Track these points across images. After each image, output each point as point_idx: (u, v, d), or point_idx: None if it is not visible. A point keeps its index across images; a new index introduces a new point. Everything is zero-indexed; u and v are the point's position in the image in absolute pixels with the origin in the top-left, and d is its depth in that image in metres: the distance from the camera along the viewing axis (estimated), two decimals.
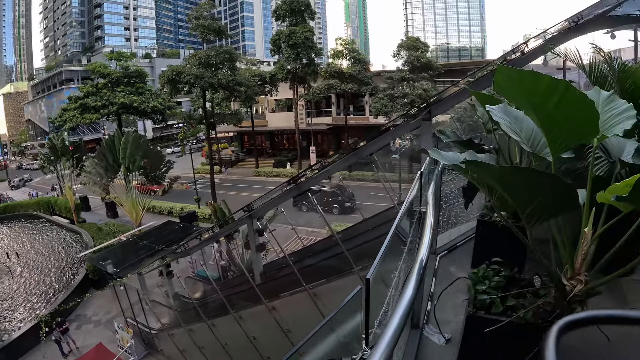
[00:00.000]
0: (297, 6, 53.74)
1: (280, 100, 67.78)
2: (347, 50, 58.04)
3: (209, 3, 53.18)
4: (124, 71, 58.32)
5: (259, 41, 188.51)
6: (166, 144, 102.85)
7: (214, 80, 47.03)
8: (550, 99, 2.57)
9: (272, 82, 58.66)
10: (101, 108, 56.05)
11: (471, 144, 5.60)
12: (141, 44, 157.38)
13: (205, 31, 48.25)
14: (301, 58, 53.23)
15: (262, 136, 71.11)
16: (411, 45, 53.66)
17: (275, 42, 54.71)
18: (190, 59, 49.92)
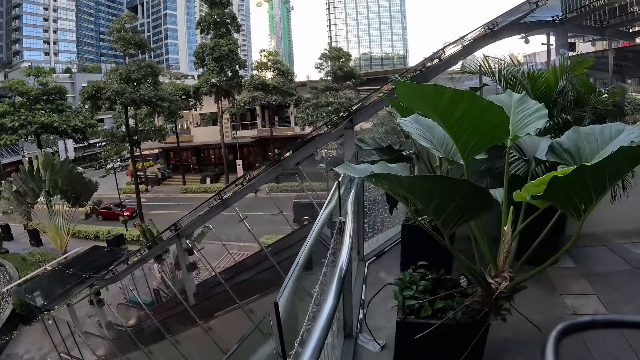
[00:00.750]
0: (222, 19, 53.49)
1: (205, 115, 66.96)
2: (271, 61, 58.16)
3: (130, 15, 52.09)
4: (42, 88, 56.04)
5: (182, 54, 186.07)
6: (89, 163, 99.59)
7: (136, 96, 45.88)
8: (456, 110, 2.62)
9: (196, 96, 57.89)
10: (19, 128, 53.65)
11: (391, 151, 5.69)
12: (61, 58, 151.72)
13: (126, 44, 47.01)
14: (225, 71, 52.98)
15: (188, 152, 69.97)
16: (334, 55, 54.35)
17: (199, 55, 54.16)
18: (111, 74, 48.48)
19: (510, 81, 5.80)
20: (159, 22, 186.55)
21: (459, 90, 2.53)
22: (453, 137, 2.86)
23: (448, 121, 2.75)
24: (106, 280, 17.26)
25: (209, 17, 53.84)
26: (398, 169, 3.42)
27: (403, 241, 5.53)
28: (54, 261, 28.96)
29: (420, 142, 3.17)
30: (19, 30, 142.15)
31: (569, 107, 5.66)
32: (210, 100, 57.79)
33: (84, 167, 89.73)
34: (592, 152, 3.02)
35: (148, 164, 76.33)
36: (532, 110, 3.32)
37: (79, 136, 61.97)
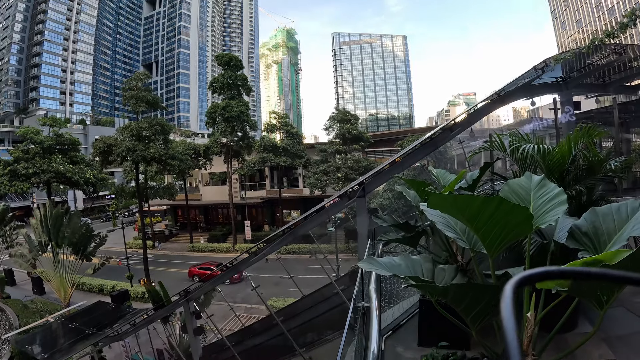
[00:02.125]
0: (233, 81, 54.39)
1: (215, 174, 67.30)
2: (280, 124, 58.99)
3: (143, 74, 52.90)
4: (57, 138, 56.60)
5: (194, 112, 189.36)
6: (97, 215, 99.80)
7: (147, 154, 46.21)
8: (485, 213, 2.72)
9: (206, 155, 58.32)
10: (32, 176, 53.86)
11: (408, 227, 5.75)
12: (76, 109, 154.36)
13: (138, 103, 47.71)
14: (236, 132, 53.46)
15: (196, 210, 70.10)
16: (342, 118, 55.01)
17: (210, 115, 54.71)
18: (122, 131, 49.02)
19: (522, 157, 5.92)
20: (172, 80, 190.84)
21: (488, 197, 2.64)
22: (480, 237, 2.95)
23: (476, 224, 2.85)
24: (110, 338, 17.06)
25: (222, 79, 54.75)
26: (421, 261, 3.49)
27: (421, 316, 5.51)
28: (57, 313, 28.57)
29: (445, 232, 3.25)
30: (37, 79, 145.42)
31: (581, 175, 5.77)
32: (220, 160, 58.20)
33: (91, 218, 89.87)
34: (609, 233, 3.09)
35: (156, 220, 76.41)
36: (552, 195, 3.40)
37: (89, 189, 62.34)
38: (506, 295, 1.20)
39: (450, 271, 3.50)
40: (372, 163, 51.35)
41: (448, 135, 11.65)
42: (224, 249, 55.06)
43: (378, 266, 3.21)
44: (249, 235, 53.60)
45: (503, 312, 1.12)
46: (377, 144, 58.63)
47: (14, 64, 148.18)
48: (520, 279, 1.36)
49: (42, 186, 56.70)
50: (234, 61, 55.84)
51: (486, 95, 64.70)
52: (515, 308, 1.10)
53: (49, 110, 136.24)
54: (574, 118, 14.54)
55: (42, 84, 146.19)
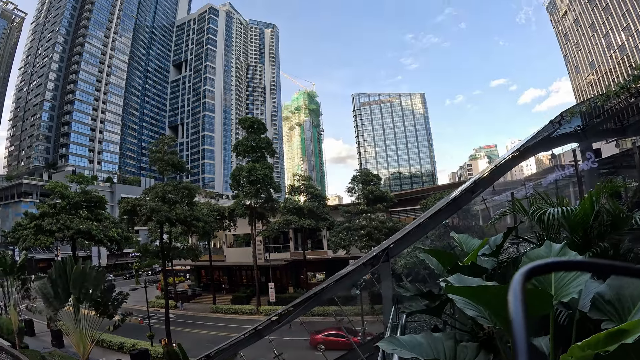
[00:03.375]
0: (257, 144, 55.14)
1: (239, 236, 67.39)
2: (304, 186, 59.35)
3: (169, 137, 53.90)
4: (83, 195, 57.33)
5: (218, 174, 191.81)
6: (120, 272, 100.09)
7: (172, 215, 46.57)
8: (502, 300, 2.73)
9: (230, 217, 58.66)
10: (56, 232, 54.38)
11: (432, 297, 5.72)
12: (104, 167, 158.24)
13: (164, 165, 48.53)
14: (260, 194, 53.79)
15: (220, 271, 69.90)
16: (365, 179, 55.15)
17: (235, 177, 55.17)
18: (147, 192, 49.64)
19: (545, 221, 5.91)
20: (198, 142, 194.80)
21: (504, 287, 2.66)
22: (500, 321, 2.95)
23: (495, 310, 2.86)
24: None
25: (246, 142, 55.56)
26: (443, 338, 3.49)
27: None
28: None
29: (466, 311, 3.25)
30: (67, 136, 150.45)
31: (606, 231, 5.70)
32: (244, 222, 58.39)
33: (114, 275, 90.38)
34: (634, 298, 3.04)
35: (179, 279, 76.33)
36: None
37: (114, 246, 62.67)
38: (515, 285, 1.23)
39: (473, 349, 3.48)
40: (397, 223, 51.11)
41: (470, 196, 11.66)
42: (248, 311, 54.52)
43: (399, 346, 3.21)
44: (273, 297, 53.20)
45: (511, 305, 1.13)
46: (401, 203, 58.47)
47: (46, 121, 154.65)
48: (528, 270, 1.40)
49: (67, 240, 57.31)
50: (257, 124, 56.78)
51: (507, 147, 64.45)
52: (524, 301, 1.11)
53: (77, 167, 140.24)
54: (595, 165, 14.50)
55: (71, 141, 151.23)
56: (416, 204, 54.44)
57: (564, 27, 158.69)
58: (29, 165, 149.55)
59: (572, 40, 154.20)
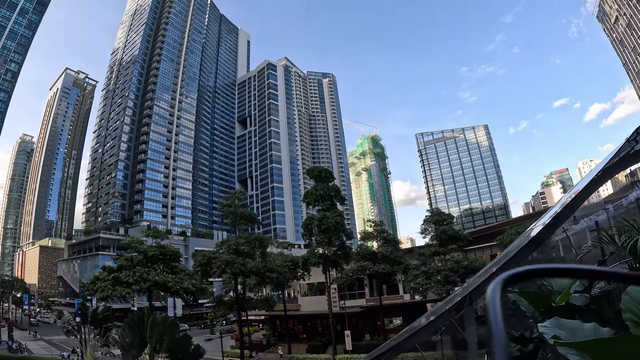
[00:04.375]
0: (326, 192, 55.35)
1: (313, 284, 67.25)
2: (376, 231, 58.93)
3: (240, 192, 55.11)
4: (159, 249, 58.82)
5: (289, 224, 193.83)
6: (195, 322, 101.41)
7: (245, 268, 47.21)
8: (618, 352, 2.52)
9: (304, 266, 58.83)
10: (133, 284, 55.88)
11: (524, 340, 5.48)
12: (177, 221, 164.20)
13: (236, 219, 49.51)
14: (333, 242, 53.66)
15: (294, 320, 69.66)
16: (437, 219, 54.29)
17: (307, 227, 55.31)
18: (221, 245, 50.57)
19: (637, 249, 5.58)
20: (267, 194, 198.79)
21: (616, 338, 2.48)
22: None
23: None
24: None
25: (315, 192, 55.88)
26: None
27: None
28: None
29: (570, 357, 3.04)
30: (141, 193, 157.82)
31: None
32: (317, 271, 58.28)
33: (190, 325, 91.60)
34: None
35: (253, 329, 76.60)
36: None
37: (189, 297, 63.64)
38: (492, 293, 1.23)
39: None
40: (473, 262, 49.74)
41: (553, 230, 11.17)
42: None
43: None
44: (350, 345, 52.36)
45: (490, 311, 1.18)
46: (476, 241, 56.97)
47: (121, 179, 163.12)
48: (509, 276, 1.32)
49: (144, 292, 58.80)
50: (324, 173, 57.11)
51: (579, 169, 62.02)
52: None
53: (151, 221, 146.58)
54: None
55: (145, 198, 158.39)
56: (492, 240, 52.96)
57: (618, 33, 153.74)
58: (105, 221, 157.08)
59: (628, 46, 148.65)
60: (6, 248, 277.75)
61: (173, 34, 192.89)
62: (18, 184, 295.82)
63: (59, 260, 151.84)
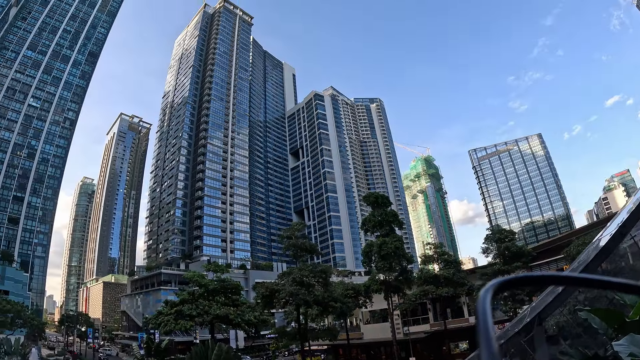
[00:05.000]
0: (384, 218, 54.98)
1: (375, 311, 66.54)
2: (437, 254, 58.06)
3: (299, 223, 55.52)
4: (220, 283, 59.52)
5: (348, 252, 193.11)
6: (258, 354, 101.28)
7: (309, 298, 47.29)
8: None
9: (366, 294, 58.36)
10: (196, 317, 56.52)
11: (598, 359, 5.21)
12: (237, 255, 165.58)
13: (297, 250, 49.90)
14: (393, 267, 53.08)
15: (357, 349, 68.96)
16: (498, 237, 53.13)
17: (366, 254, 55.10)
18: (284, 277, 50.93)
19: None
20: (324, 223, 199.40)
21: None
22: None
23: None
24: None
25: (372, 218, 55.60)
26: None
27: None
28: None
29: None
30: (200, 229, 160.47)
31: None
32: (379, 297, 57.67)
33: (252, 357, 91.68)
34: None
35: (316, 359, 75.97)
36: None
37: (251, 329, 63.78)
38: (482, 300, 1.25)
39: None
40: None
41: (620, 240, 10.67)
42: None
43: None
44: None
45: (479, 318, 1.19)
46: (540, 256, 55.39)
47: (179, 216, 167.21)
48: (499, 283, 1.31)
49: (206, 324, 59.42)
50: (380, 199, 56.98)
51: None
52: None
53: (211, 256, 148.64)
54: None
55: (204, 233, 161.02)
56: (557, 254, 51.32)
57: None
58: (166, 257, 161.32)
59: None
60: (71, 284, 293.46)
61: (220, 74, 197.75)
62: (81, 224, 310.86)
63: (122, 295, 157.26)
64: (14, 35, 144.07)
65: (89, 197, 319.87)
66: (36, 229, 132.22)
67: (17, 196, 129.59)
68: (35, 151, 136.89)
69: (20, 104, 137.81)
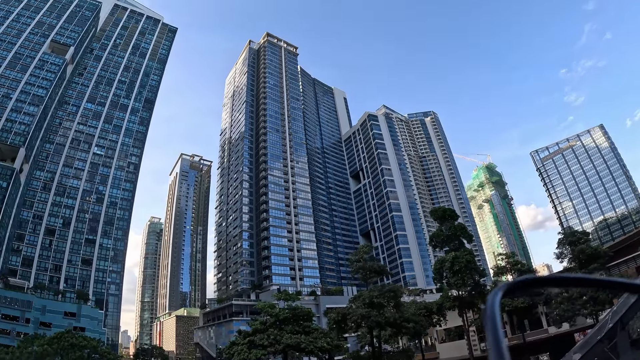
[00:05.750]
0: (453, 232, 54.00)
1: (450, 329, 65.03)
2: (509, 264, 56.51)
3: (366, 246, 55.28)
4: (291, 311, 59.68)
5: (418, 270, 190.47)
6: None
7: (381, 319, 46.81)
8: None
9: (439, 312, 57.30)
10: (268, 346, 56.69)
11: None
12: (306, 282, 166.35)
13: (366, 273, 49.65)
14: (466, 282, 51.80)
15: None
16: (570, 240, 51.18)
17: (437, 270, 54.05)
18: (354, 300, 50.68)
19: None
20: (391, 243, 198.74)
21: None
22: None
23: None
24: None
25: (440, 233, 54.70)
26: None
27: None
28: None
29: None
30: (268, 259, 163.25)
31: None
32: (454, 314, 56.58)
33: None
34: None
35: None
36: None
37: (324, 355, 63.39)
38: (490, 304, 1.27)
39: None
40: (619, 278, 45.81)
41: None
42: None
43: None
44: None
45: (488, 322, 1.20)
46: (618, 254, 52.85)
47: (246, 248, 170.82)
48: (509, 286, 1.36)
49: (279, 353, 59.45)
50: (448, 213, 56.12)
51: None
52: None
53: (281, 285, 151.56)
54: None
55: (272, 263, 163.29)
56: (636, 250, 48.79)
57: None
58: (236, 288, 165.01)
59: None
60: (144, 319, 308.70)
61: (273, 106, 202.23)
62: (151, 261, 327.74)
63: (195, 327, 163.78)
64: (73, 90, 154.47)
65: (157, 236, 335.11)
66: (109, 269, 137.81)
67: (89, 239, 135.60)
68: (103, 196, 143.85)
69: (85, 153, 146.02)
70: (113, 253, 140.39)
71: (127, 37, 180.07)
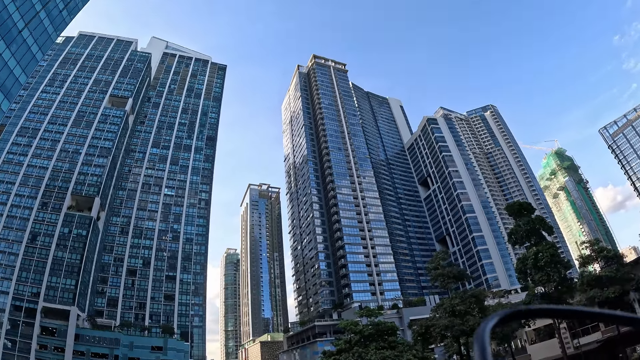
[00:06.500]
0: (531, 226, 52.73)
1: (540, 329, 63.25)
2: (594, 252, 54.51)
3: (443, 252, 55.06)
4: (374, 327, 59.77)
5: (499, 270, 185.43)
6: None
7: (466, 327, 46.33)
8: None
9: None
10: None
11: None
12: (387, 296, 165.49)
13: (445, 279, 49.34)
14: (552, 277, 50.42)
15: None
16: None
17: (520, 269, 52.76)
18: (436, 310, 50.40)
19: None
20: (469, 246, 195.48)
21: None
22: None
23: None
24: None
25: (519, 229, 53.50)
26: None
27: None
28: None
29: None
30: (347, 277, 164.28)
31: None
32: None
33: None
34: None
35: None
36: None
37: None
38: (481, 334, 1.32)
39: None
40: None
41: None
42: None
43: None
44: None
45: (476, 352, 1.19)
46: None
47: (324, 268, 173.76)
48: (500, 317, 1.47)
49: None
50: (523, 207, 55.06)
51: None
52: None
53: (362, 301, 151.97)
54: None
55: (351, 280, 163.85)
56: None
57: None
58: (318, 309, 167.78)
59: None
60: (229, 348, 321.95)
61: (331, 125, 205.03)
62: (231, 291, 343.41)
63: (280, 352, 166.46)
64: (137, 138, 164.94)
65: (234, 266, 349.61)
66: (191, 302, 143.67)
67: (170, 275, 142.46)
68: (178, 234, 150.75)
69: (156, 195, 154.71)
70: (194, 287, 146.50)
71: (180, 81, 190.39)
